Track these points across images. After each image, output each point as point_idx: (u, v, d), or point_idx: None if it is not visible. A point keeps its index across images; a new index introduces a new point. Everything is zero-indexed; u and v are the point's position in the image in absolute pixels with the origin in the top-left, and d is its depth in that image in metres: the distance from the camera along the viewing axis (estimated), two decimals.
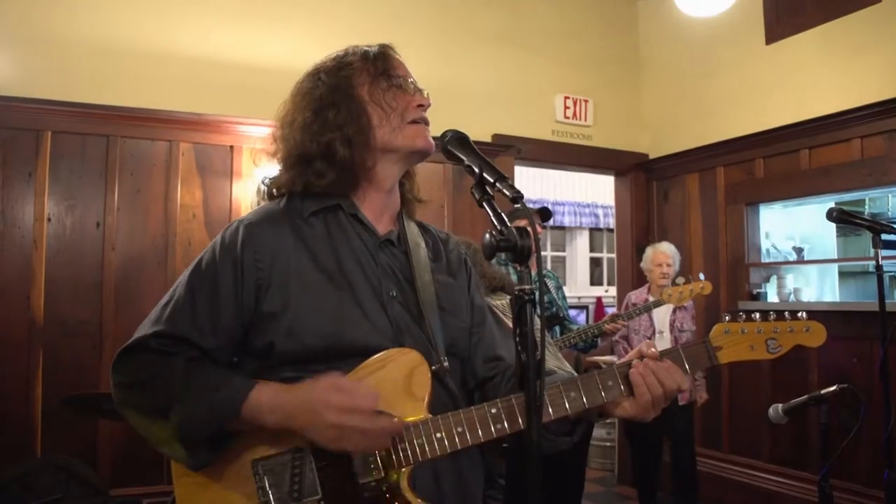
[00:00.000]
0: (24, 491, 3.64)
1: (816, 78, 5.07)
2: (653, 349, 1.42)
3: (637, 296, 5.02)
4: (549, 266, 9.86)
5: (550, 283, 4.68)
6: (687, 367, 1.43)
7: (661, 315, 4.88)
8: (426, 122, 1.55)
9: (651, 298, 4.82)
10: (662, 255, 4.96)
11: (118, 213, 4.45)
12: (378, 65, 1.54)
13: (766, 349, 1.45)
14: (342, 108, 1.49)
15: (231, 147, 4.79)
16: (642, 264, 5.13)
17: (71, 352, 4.27)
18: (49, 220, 4.29)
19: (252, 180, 4.79)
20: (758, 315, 1.47)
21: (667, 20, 6.09)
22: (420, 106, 1.53)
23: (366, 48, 1.59)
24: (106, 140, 4.46)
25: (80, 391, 4.08)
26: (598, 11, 6.40)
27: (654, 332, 4.88)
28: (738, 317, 1.47)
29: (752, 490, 5.23)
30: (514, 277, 4.45)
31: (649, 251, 5.08)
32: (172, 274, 4.53)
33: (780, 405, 2.68)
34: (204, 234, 4.67)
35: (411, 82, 1.55)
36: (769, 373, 5.12)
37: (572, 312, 10.39)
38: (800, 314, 1.48)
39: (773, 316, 1.47)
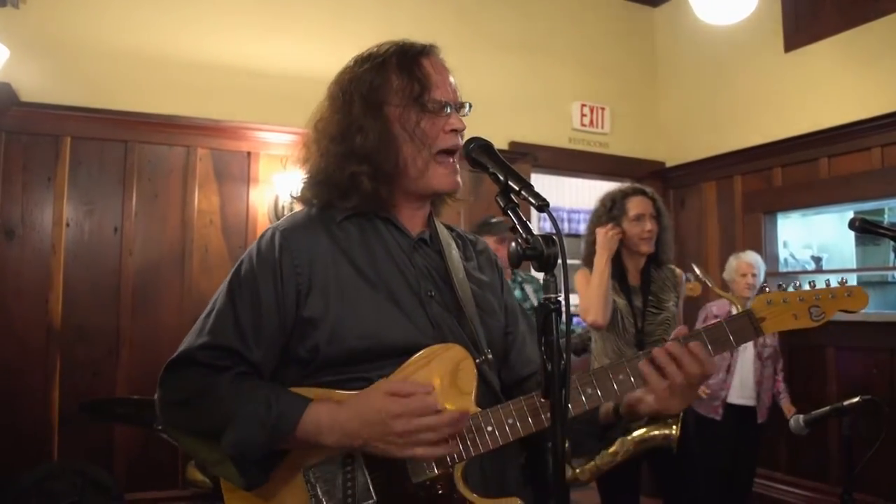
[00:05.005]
0: (40, 495, 3.65)
1: (836, 86, 5.03)
2: (682, 327, 1.42)
3: (718, 308, 4.63)
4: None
5: (529, 288, 4.60)
6: (733, 340, 1.42)
7: None
8: (456, 150, 1.49)
9: (734, 309, 4.47)
10: (747, 265, 4.65)
11: (136, 218, 4.47)
12: (415, 86, 1.46)
13: (810, 317, 1.44)
14: (370, 135, 1.45)
15: (248, 153, 4.81)
16: (724, 274, 4.79)
17: (88, 356, 4.29)
18: (68, 224, 4.31)
19: (269, 186, 4.80)
20: (799, 284, 1.46)
21: (684, 28, 6.06)
22: (454, 131, 1.48)
23: (407, 52, 1.51)
24: (124, 145, 4.48)
25: (96, 396, 4.11)
26: (615, 19, 6.39)
27: None
28: (780, 287, 1.46)
29: (771, 502, 5.17)
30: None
31: (733, 261, 4.75)
32: (189, 279, 4.55)
33: (801, 416, 2.65)
34: (221, 239, 4.68)
35: (447, 104, 1.48)
36: (787, 382, 5.07)
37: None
38: (841, 278, 1.47)
39: (813, 284, 1.46)
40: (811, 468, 4.98)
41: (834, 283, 1.47)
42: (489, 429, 1.35)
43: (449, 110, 1.48)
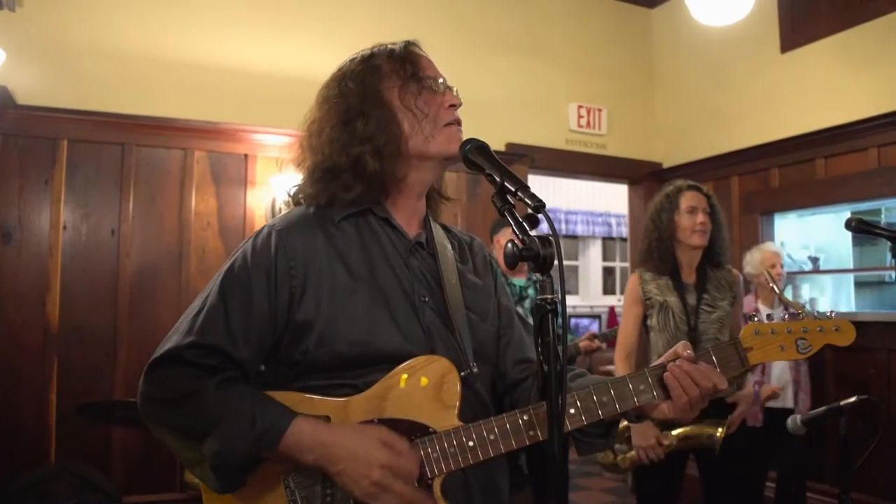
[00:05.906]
0: (37, 497, 3.64)
1: (832, 87, 5.04)
2: (688, 351, 1.41)
3: (746, 305, 4.14)
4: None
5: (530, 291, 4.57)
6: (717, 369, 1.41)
7: None
8: (458, 123, 1.51)
9: (761, 306, 4.26)
10: (774, 254, 4.39)
11: (133, 220, 4.47)
12: (407, 67, 1.49)
13: (797, 349, 1.44)
14: (371, 117, 1.46)
15: (245, 155, 4.81)
16: (748, 269, 4.42)
17: (85, 359, 4.29)
18: (65, 227, 4.31)
19: (266, 188, 4.80)
20: (787, 315, 1.46)
21: (681, 29, 6.07)
22: (452, 106, 1.50)
23: (392, 47, 1.54)
24: (121, 148, 4.48)
25: (94, 398, 4.11)
26: (612, 20, 6.40)
27: None
28: (769, 317, 1.46)
29: (767, 501, 5.17)
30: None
31: (756, 254, 4.44)
32: (186, 282, 4.54)
33: (798, 416, 2.64)
34: (218, 242, 4.68)
35: (441, 82, 1.51)
36: None
37: (584, 322, 10.40)
38: (829, 313, 1.46)
39: (802, 315, 1.45)
40: (808, 468, 4.97)
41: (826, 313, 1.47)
42: (470, 444, 1.35)
43: (444, 88, 1.51)
